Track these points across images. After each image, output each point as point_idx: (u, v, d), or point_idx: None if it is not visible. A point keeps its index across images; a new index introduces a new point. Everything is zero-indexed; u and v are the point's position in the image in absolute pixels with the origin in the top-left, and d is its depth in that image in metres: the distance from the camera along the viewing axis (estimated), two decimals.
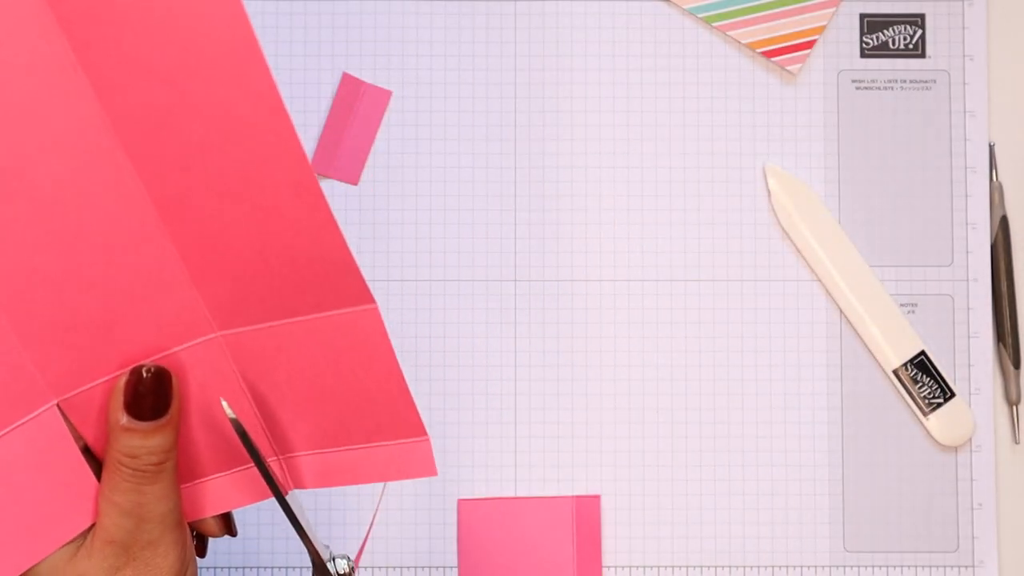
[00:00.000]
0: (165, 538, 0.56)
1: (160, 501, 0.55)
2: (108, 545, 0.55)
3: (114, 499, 0.55)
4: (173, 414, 0.55)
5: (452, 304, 0.74)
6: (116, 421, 0.55)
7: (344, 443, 0.58)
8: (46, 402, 0.55)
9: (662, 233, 0.74)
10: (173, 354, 0.56)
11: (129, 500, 0.55)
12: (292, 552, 0.73)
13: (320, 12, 0.75)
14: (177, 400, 0.56)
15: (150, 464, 0.55)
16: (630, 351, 0.74)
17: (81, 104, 0.51)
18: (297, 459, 0.59)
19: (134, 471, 0.55)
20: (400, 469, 0.58)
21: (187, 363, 0.56)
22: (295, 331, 0.56)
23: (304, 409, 0.57)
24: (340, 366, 0.56)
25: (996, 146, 0.75)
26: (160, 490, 0.55)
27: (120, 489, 0.55)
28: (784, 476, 0.74)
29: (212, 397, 0.57)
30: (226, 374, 0.56)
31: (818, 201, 0.74)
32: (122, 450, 0.55)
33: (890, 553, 0.73)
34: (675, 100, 0.75)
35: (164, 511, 0.55)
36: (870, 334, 0.74)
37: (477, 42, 0.75)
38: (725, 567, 0.73)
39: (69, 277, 0.53)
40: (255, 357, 0.56)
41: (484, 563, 0.73)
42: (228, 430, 0.57)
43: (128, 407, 0.55)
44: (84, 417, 0.56)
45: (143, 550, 0.55)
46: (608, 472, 0.74)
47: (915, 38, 0.75)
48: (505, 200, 0.74)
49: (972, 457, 0.74)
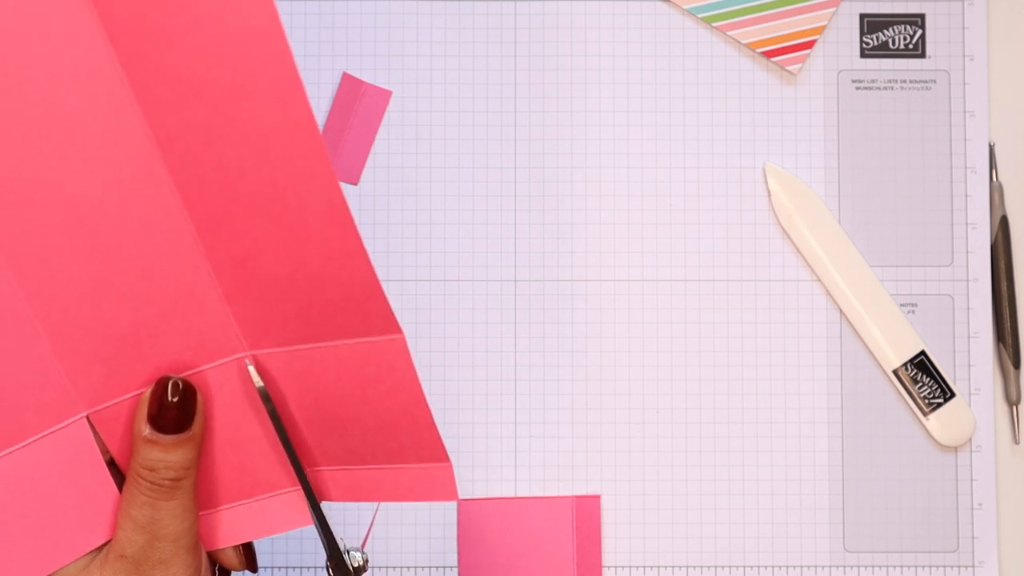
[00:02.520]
0: (177, 559, 0.55)
1: (175, 519, 0.55)
2: (120, 560, 0.55)
3: (130, 512, 0.55)
4: (196, 431, 0.55)
5: (452, 304, 0.74)
6: (139, 432, 0.55)
7: (368, 463, 0.58)
8: (76, 413, 0.55)
9: (662, 233, 0.74)
10: (201, 372, 0.56)
11: (144, 515, 0.55)
12: (292, 552, 0.73)
13: (320, 12, 0.75)
14: (201, 417, 0.56)
15: (167, 479, 0.55)
16: (630, 351, 0.74)
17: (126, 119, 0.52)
18: (321, 473, 0.59)
19: (151, 484, 0.55)
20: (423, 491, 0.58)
21: (214, 384, 0.56)
22: (322, 356, 0.56)
23: (329, 431, 0.57)
24: (366, 392, 0.56)
25: (996, 146, 0.75)
26: (176, 507, 0.55)
27: (136, 503, 0.55)
28: (784, 476, 0.74)
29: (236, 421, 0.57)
30: (252, 397, 0.57)
31: (818, 201, 0.74)
32: (142, 462, 0.55)
33: (890, 553, 0.73)
34: (675, 100, 0.75)
35: (178, 530, 0.55)
36: (870, 334, 0.74)
37: (477, 42, 0.75)
38: (725, 567, 0.73)
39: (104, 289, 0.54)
40: (281, 379, 0.56)
41: (484, 563, 0.73)
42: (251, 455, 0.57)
43: (152, 419, 0.55)
44: (112, 431, 0.56)
45: (153, 568, 0.55)
46: (608, 472, 0.74)
47: (915, 38, 0.75)
48: (505, 200, 0.74)
49: (972, 457, 0.74)
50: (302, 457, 0.58)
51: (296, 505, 0.58)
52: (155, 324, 0.55)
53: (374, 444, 0.57)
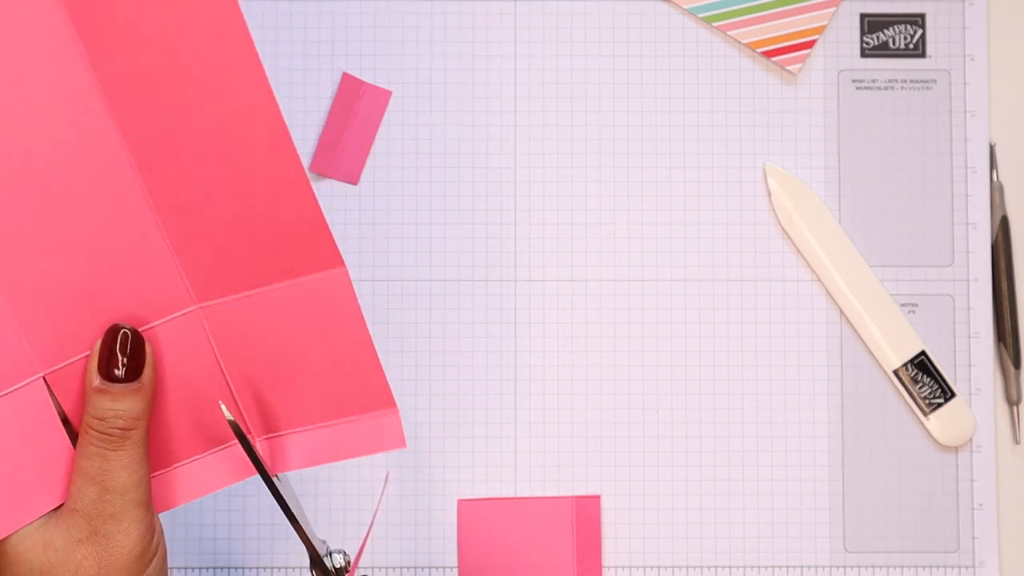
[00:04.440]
0: (128, 514, 0.56)
1: (124, 470, 0.55)
2: (72, 513, 0.55)
3: (80, 464, 0.55)
4: (145, 381, 0.56)
5: (452, 304, 0.74)
6: (90, 383, 0.56)
7: (317, 420, 0.59)
8: (32, 374, 0.55)
9: (662, 233, 0.74)
10: (152, 328, 0.57)
11: (94, 465, 0.55)
12: (292, 552, 0.73)
13: (320, 12, 0.75)
14: (151, 369, 0.56)
15: (117, 428, 0.55)
16: (630, 351, 0.74)
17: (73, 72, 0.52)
18: (276, 440, 0.59)
19: (100, 434, 0.55)
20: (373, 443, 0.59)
21: (165, 339, 0.57)
22: (268, 301, 0.57)
23: (278, 384, 0.58)
24: (312, 335, 0.57)
25: (996, 146, 0.75)
26: (125, 458, 0.55)
27: (87, 454, 0.55)
28: (784, 476, 0.74)
29: (188, 376, 0.57)
30: (203, 351, 0.57)
31: (818, 201, 0.74)
32: (92, 412, 0.55)
33: (890, 553, 0.73)
34: (675, 100, 0.75)
35: (127, 482, 0.55)
36: (870, 334, 0.74)
37: (477, 42, 0.75)
38: (725, 567, 0.73)
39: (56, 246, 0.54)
40: (231, 331, 0.57)
41: (484, 563, 0.73)
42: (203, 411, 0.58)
43: (101, 368, 0.55)
44: (67, 391, 0.56)
45: (105, 523, 0.55)
46: (608, 472, 0.74)
47: (915, 38, 0.75)
48: (505, 200, 0.74)
49: (972, 457, 0.74)
50: (255, 423, 0.59)
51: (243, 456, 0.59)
52: (106, 280, 0.55)
53: (322, 396, 0.58)
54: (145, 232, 0.55)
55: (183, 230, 0.55)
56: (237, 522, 0.73)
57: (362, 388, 0.58)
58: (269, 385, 0.58)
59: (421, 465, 0.73)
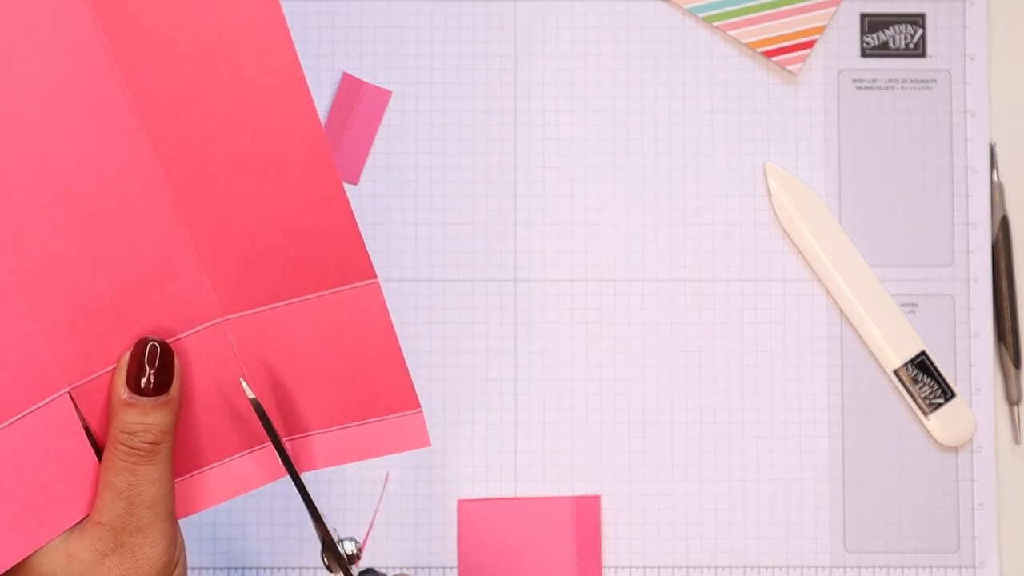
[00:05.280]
0: (155, 527, 0.56)
1: (152, 485, 0.55)
2: (97, 527, 0.55)
3: (108, 479, 0.55)
4: (174, 394, 0.56)
5: (452, 304, 0.74)
6: (118, 396, 0.55)
7: (340, 421, 0.59)
8: (58, 389, 0.55)
9: (662, 233, 0.74)
10: (179, 340, 0.56)
11: (122, 480, 0.55)
12: (292, 552, 0.73)
13: (320, 12, 0.75)
14: (179, 382, 0.56)
15: (146, 443, 0.55)
16: (630, 351, 0.74)
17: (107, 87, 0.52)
18: (300, 440, 0.59)
19: (129, 449, 0.55)
20: (397, 443, 0.59)
21: (191, 351, 0.57)
22: (297, 312, 0.56)
23: (302, 389, 0.58)
24: (340, 344, 0.57)
25: (996, 146, 0.75)
26: (154, 472, 0.55)
27: (114, 469, 0.55)
28: (784, 476, 0.74)
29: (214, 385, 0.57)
30: (229, 362, 0.57)
31: (818, 201, 0.74)
32: (120, 427, 0.55)
33: (890, 553, 0.73)
34: (675, 100, 0.75)
35: (155, 496, 0.55)
36: (870, 334, 0.74)
37: (477, 42, 0.75)
38: (725, 567, 0.73)
39: (85, 261, 0.54)
40: (257, 341, 0.57)
41: (484, 563, 0.73)
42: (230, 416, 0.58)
43: (130, 382, 0.55)
44: (92, 406, 0.56)
45: (131, 536, 0.55)
46: (608, 472, 0.74)
47: (915, 38, 0.75)
48: (505, 200, 0.74)
49: (973, 457, 0.74)
50: (278, 426, 0.58)
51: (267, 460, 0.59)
52: (134, 294, 0.55)
53: (347, 399, 0.58)
54: (174, 246, 0.55)
55: (213, 244, 0.55)
56: (238, 520, 0.73)
57: (387, 391, 0.58)
58: (293, 391, 0.58)
59: (421, 465, 0.73)
